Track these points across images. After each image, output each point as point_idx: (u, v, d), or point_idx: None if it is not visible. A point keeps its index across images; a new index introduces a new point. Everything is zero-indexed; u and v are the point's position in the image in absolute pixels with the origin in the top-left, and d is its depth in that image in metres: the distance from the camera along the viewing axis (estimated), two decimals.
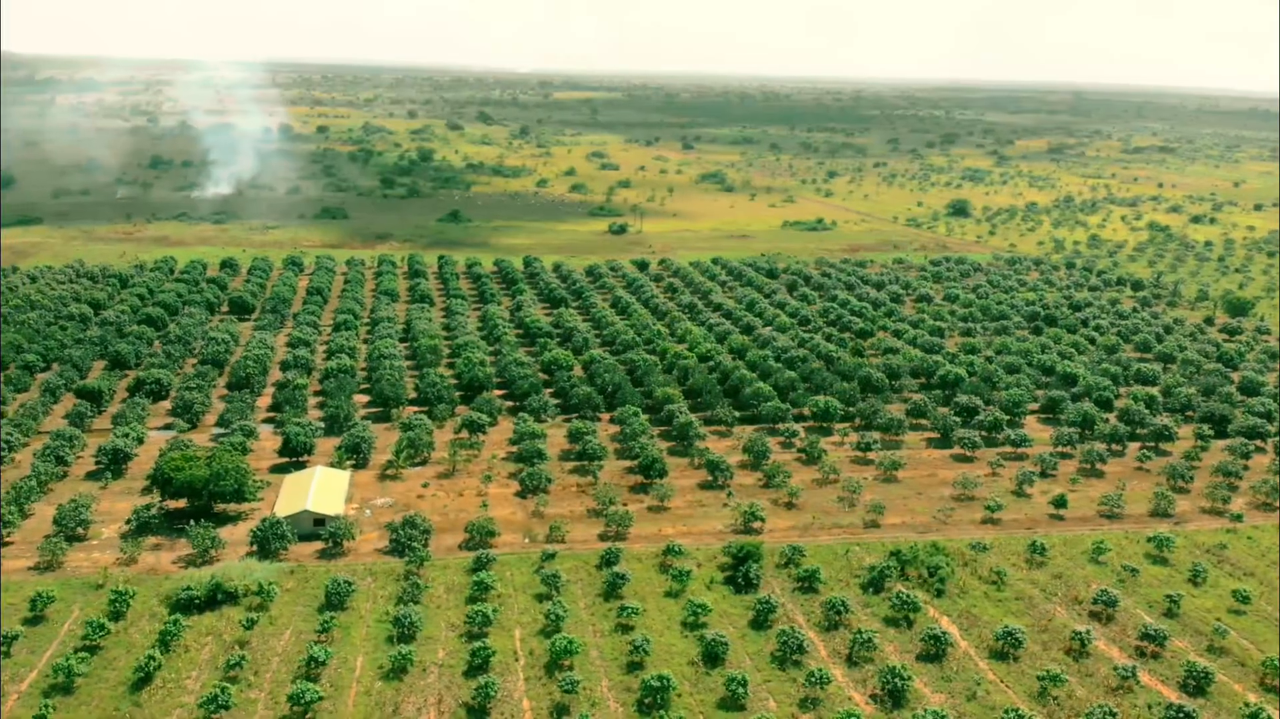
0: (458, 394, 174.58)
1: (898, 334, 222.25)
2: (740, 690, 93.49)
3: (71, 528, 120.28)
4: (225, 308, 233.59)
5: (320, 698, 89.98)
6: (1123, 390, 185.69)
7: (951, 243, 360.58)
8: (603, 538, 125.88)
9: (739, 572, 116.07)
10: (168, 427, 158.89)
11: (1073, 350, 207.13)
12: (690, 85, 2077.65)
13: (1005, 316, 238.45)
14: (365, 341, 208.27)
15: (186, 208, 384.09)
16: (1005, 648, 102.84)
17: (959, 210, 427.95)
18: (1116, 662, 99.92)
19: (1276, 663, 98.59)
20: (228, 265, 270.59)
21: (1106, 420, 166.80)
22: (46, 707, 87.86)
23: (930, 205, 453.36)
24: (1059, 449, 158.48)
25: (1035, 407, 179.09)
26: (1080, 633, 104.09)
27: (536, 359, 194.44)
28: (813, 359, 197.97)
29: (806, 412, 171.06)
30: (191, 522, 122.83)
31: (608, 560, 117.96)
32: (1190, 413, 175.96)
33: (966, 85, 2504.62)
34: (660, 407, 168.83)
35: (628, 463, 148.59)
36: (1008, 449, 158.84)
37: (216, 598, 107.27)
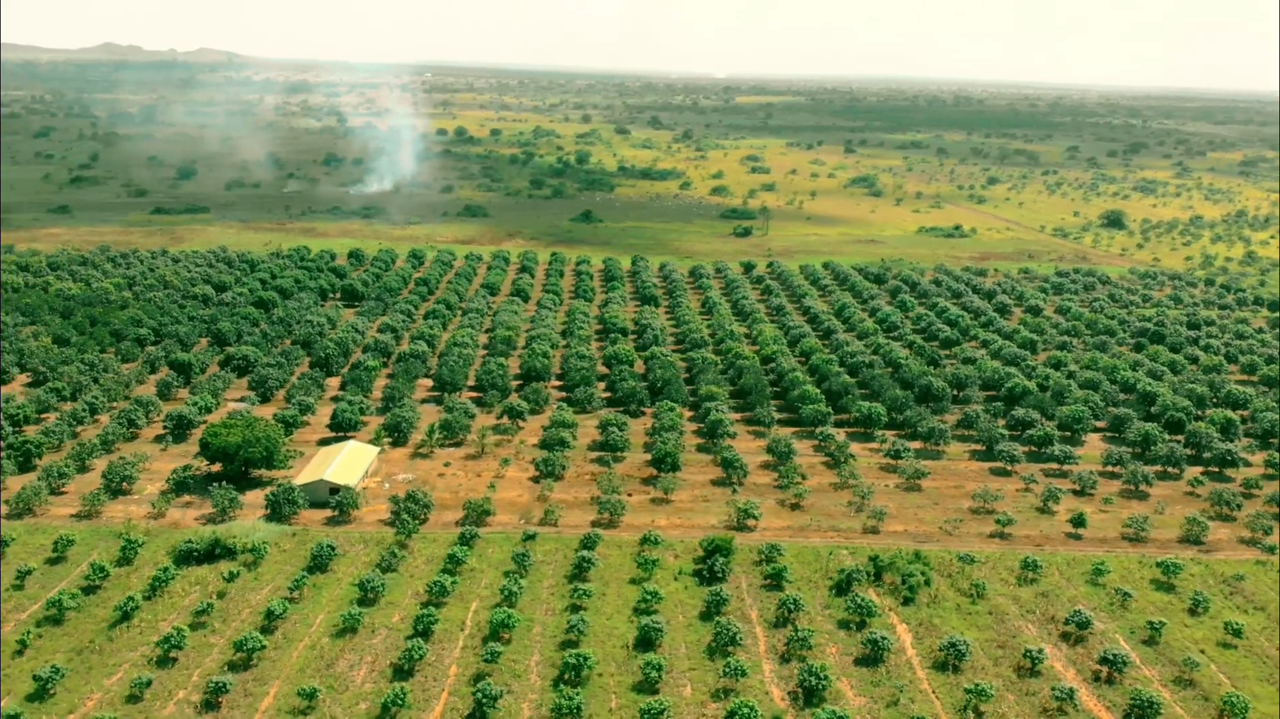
0: (516, 383, 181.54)
1: (985, 344, 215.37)
2: (656, 675, 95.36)
3: (116, 483, 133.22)
4: (337, 295, 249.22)
5: (263, 647, 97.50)
6: (1206, 413, 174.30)
7: (1094, 254, 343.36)
8: (595, 524, 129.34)
9: (706, 564, 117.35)
10: (244, 399, 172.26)
11: (1165, 369, 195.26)
12: (883, 90, 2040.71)
13: (1111, 332, 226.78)
14: (472, 328, 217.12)
15: (343, 202, 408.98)
16: (948, 659, 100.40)
17: (1113, 222, 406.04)
18: (1061, 684, 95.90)
19: (1236, 700, 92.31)
20: (354, 256, 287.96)
21: (1167, 442, 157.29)
22: (32, 634, 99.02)
23: (1086, 216, 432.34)
24: (1107, 468, 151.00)
25: (1103, 424, 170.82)
26: (1032, 651, 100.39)
27: (603, 354, 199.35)
28: (880, 365, 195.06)
29: (852, 417, 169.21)
30: (220, 483, 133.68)
31: (586, 545, 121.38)
32: (1274, 439, 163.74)
33: (1184, 93, 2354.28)
34: (703, 404, 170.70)
35: (649, 456, 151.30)
36: (1052, 465, 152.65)
37: (215, 552, 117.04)
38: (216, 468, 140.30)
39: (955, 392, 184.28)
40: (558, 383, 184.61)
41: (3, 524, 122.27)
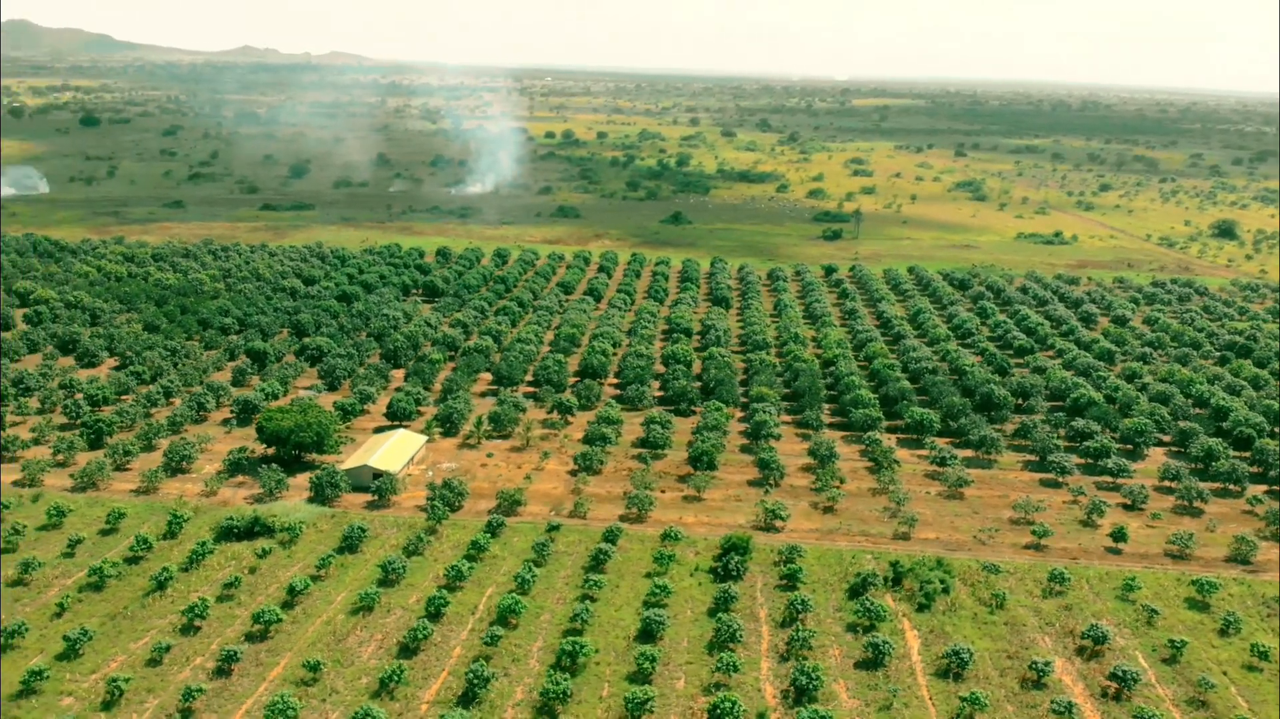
0: (573, 379, 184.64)
1: (1060, 354, 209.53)
2: (649, 666, 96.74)
3: (176, 462, 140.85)
4: (419, 291, 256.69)
5: (280, 620, 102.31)
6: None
7: (1198, 265, 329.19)
8: (623, 519, 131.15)
9: (722, 562, 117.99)
10: (312, 387, 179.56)
11: (1245, 384, 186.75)
12: (1008, 93, 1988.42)
13: (1197, 345, 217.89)
14: (538, 325, 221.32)
15: (443, 202, 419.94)
16: (951, 667, 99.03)
17: (1224, 232, 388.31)
18: (1063, 697, 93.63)
19: None
20: (441, 254, 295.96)
21: (1230, 458, 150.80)
22: (72, 598, 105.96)
23: (1197, 225, 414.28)
24: (1164, 483, 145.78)
25: (1169, 439, 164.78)
26: (1039, 663, 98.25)
27: (662, 353, 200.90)
28: (944, 372, 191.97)
29: (904, 422, 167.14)
30: (270, 465, 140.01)
31: (608, 538, 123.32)
32: None
33: None
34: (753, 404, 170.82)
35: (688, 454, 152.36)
36: (1106, 478, 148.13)
37: (254, 530, 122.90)
38: (271, 451, 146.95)
39: (1019, 400, 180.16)
40: (614, 381, 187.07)
41: (56, 495, 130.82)
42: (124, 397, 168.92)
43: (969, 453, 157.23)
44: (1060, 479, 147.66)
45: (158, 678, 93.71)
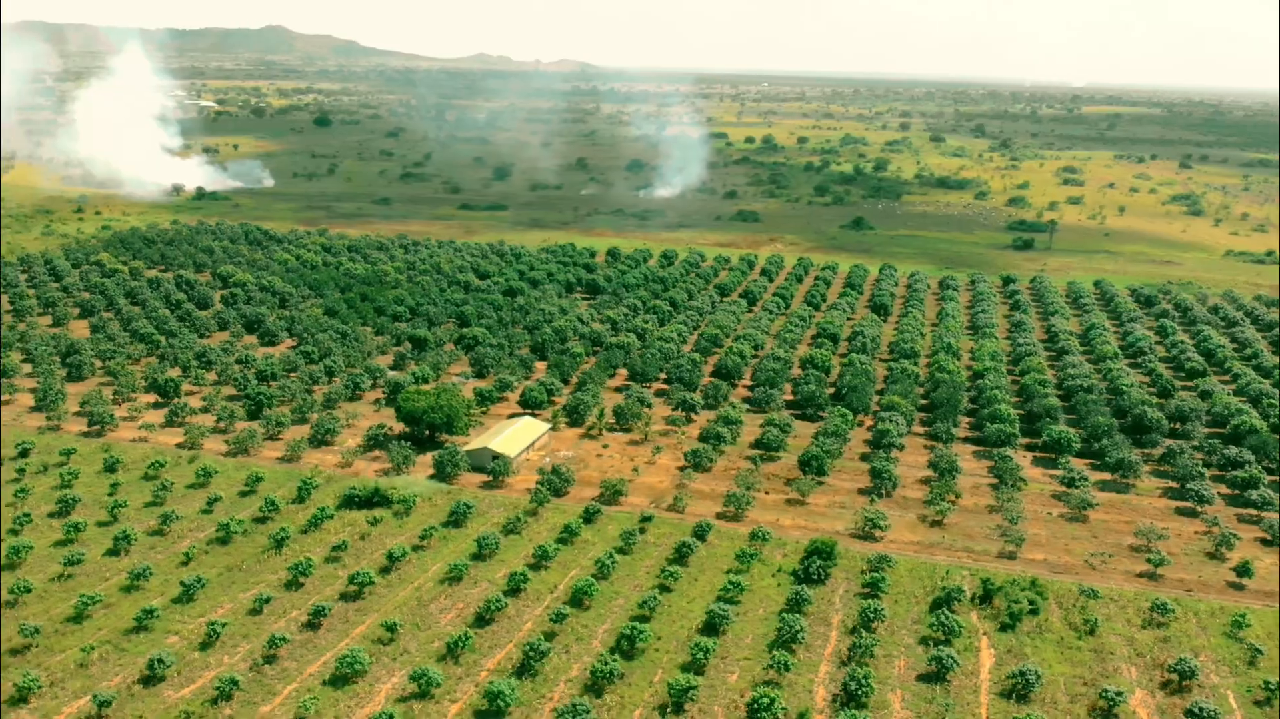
0: (706, 379, 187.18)
1: (1235, 378, 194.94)
2: (702, 657, 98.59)
3: (321, 435, 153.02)
4: (581, 288, 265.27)
5: (370, 582, 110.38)
6: None
7: None
8: (719, 516, 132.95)
9: (804, 565, 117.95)
10: (462, 374, 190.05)
11: None
12: (1257, 104, 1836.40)
13: None
14: (684, 325, 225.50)
15: (628, 205, 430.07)
16: (1016, 687, 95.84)
17: None
18: None
19: None
20: (611, 254, 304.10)
21: None
22: (198, 549, 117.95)
23: None
24: None
25: None
26: (1110, 692, 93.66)
27: (801, 357, 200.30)
28: (1100, 390, 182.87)
29: (1042, 440, 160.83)
30: (401, 442, 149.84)
31: (696, 532, 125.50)
32: None
33: None
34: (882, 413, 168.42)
35: None
36: (1250, 510, 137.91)
37: (374, 500, 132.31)
38: (406, 429, 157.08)
39: (1175, 424, 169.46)
40: (748, 383, 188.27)
41: (210, 458, 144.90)
42: (291, 373, 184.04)
43: (1105, 475, 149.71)
44: (1198, 508, 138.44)
45: (254, 626, 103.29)
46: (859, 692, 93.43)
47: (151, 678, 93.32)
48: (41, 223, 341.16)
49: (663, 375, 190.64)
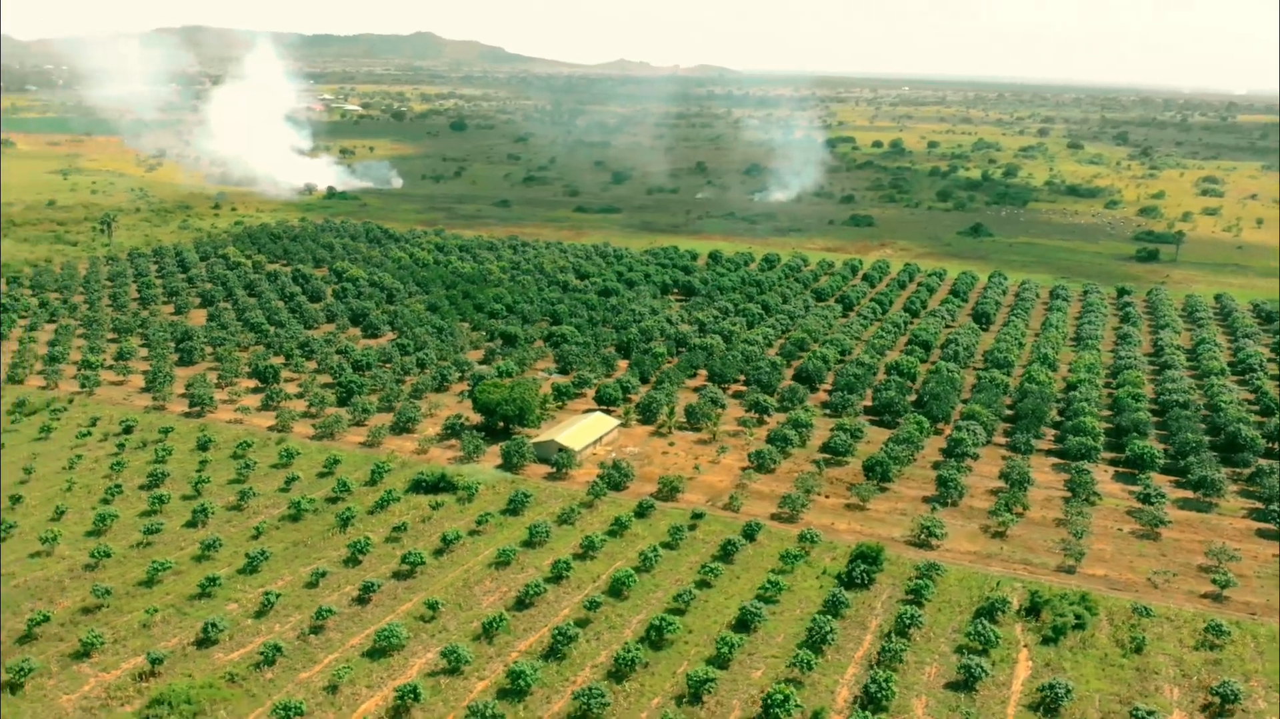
0: (786, 382, 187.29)
1: None
2: (727, 652, 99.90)
3: (402, 422, 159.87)
4: (677, 290, 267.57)
5: (422, 562, 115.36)
6: None
7: None
8: (773, 517, 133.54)
9: (849, 569, 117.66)
10: (547, 370, 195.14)
11: None
12: None
13: None
14: (772, 328, 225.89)
15: (740, 209, 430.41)
16: (1045, 700, 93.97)
17: None
18: None
19: None
20: (713, 257, 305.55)
21: None
22: (269, 524, 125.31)
23: None
24: None
25: None
26: (1141, 710, 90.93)
27: (885, 364, 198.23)
28: (1197, 406, 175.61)
29: (1125, 455, 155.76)
30: (473, 431, 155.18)
31: (745, 532, 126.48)
32: None
33: None
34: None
35: None
36: None
37: (440, 485, 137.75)
38: (481, 420, 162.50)
39: (1273, 444, 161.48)
40: (828, 387, 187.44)
41: (296, 440, 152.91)
42: (385, 364, 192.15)
43: (1188, 493, 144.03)
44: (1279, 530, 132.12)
45: (308, 598, 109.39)
46: (879, 695, 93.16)
47: (206, 640, 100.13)
48: (180, 217, 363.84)
49: (742, 378, 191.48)
